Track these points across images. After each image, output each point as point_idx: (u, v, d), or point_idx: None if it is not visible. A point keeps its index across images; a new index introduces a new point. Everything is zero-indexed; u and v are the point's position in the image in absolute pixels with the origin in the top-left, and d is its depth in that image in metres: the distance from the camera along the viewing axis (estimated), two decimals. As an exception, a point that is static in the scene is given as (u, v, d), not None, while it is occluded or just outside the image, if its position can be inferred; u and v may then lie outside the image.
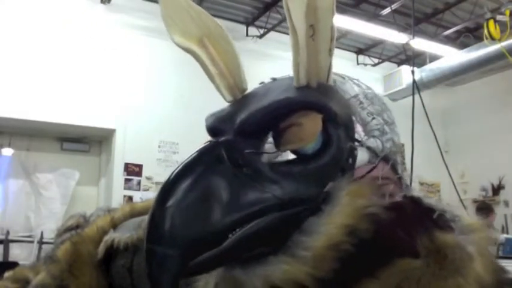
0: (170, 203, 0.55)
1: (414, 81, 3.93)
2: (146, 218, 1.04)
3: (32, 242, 4.62)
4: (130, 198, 5.07)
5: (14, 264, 3.28)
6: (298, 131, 0.63)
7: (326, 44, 0.64)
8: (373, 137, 0.74)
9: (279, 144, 0.65)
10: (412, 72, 3.92)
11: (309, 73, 0.65)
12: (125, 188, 5.20)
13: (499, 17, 5.41)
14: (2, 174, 4.95)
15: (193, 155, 0.59)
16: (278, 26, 6.16)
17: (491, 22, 5.48)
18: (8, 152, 5.05)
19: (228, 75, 0.73)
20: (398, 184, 0.78)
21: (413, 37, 5.21)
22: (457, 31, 6.43)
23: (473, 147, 6.99)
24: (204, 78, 0.79)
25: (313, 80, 0.65)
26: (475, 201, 6.67)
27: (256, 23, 6.23)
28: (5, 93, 4.73)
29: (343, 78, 0.79)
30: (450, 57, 6.41)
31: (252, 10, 6.09)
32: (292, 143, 0.63)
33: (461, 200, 2.71)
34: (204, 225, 0.55)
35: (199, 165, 0.58)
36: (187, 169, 0.58)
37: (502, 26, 5.46)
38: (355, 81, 0.83)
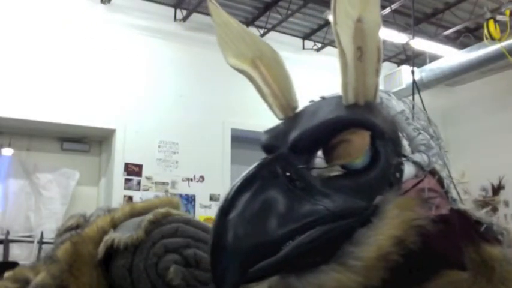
0: (232, 215, 0.60)
1: (414, 81, 3.92)
2: (146, 217, 1.04)
3: (32, 242, 4.62)
4: (130, 198, 5.07)
5: (14, 264, 3.27)
6: (348, 147, 0.67)
7: (373, 64, 0.69)
8: (419, 151, 0.77)
9: (329, 160, 0.69)
10: (412, 72, 3.92)
11: (356, 92, 0.69)
12: (124, 188, 5.20)
13: (499, 17, 5.41)
14: (2, 174, 4.95)
15: (251, 170, 0.64)
16: (278, 26, 6.16)
17: (491, 22, 5.47)
18: (8, 152, 5.04)
19: (280, 95, 0.77)
20: (444, 197, 0.79)
21: (413, 37, 5.21)
22: (457, 31, 6.43)
23: (473, 147, 6.99)
24: (203, 79, 0.79)
25: (360, 98, 0.69)
26: (475, 201, 6.67)
27: (256, 23, 6.23)
28: (5, 93, 4.73)
29: (389, 95, 0.84)
30: (450, 57, 6.41)
31: (252, 10, 6.09)
32: (341, 158, 0.68)
33: (461, 200, 2.71)
34: (262, 236, 0.59)
35: (257, 180, 0.63)
36: (246, 183, 0.63)
37: (502, 26, 5.46)
38: (402, 98, 0.87)
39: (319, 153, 0.71)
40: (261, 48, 0.78)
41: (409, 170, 0.73)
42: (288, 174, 0.64)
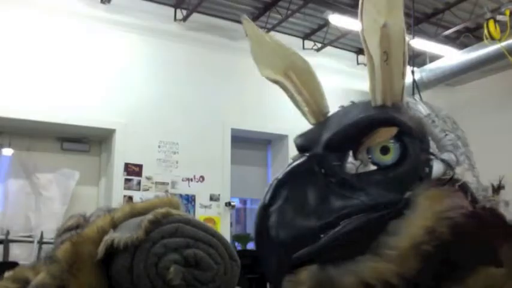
0: (273, 208, 0.66)
1: (414, 81, 3.93)
2: (146, 217, 1.04)
3: (32, 242, 4.62)
4: (130, 198, 5.06)
5: (14, 264, 3.27)
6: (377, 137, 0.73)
7: (399, 67, 0.73)
8: (447, 151, 0.81)
9: (360, 157, 0.75)
10: (412, 72, 3.93)
11: (384, 94, 0.74)
12: (125, 188, 5.20)
13: (499, 17, 5.41)
14: (2, 174, 4.95)
15: (290, 168, 0.70)
16: (278, 26, 6.16)
17: (491, 22, 5.47)
18: (8, 152, 5.05)
19: (311, 102, 0.82)
20: (473, 195, 0.83)
21: (413, 37, 5.21)
22: (457, 31, 6.43)
23: (473, 147, 6.97)
24: (203, 79, 0.80)
25: (388, 100, 0.74)
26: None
27: (256, 23, 6.22)
28: (5, 93, 4.73)
29: (415, 100, 0.88)
30: (450, 57, 6.41)
31: (252, 10, 6.09)
32: (372, 153, 0.74)
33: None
34: (301, 226, 0.66)
35: (295, 176, 0.69)
36: (286, 179, 0.69)
37: (502, 26, 5.46)
38: (427, 103, 0.91)
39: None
40: (292, 60, 0.84)
41: (437, 167, 0.77)
42: (323, 170, 0.69)
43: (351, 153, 0.76)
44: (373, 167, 0.74)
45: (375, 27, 0.71)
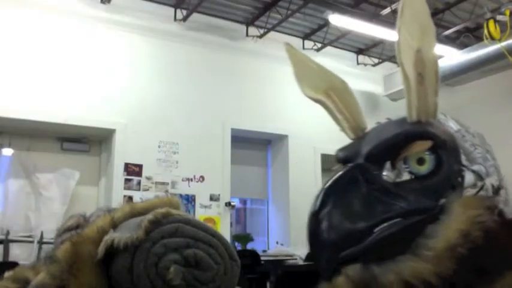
0: (323, 213, 0.75)
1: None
2: (146, 217, 1.04)
3: (32, 242, 4.62)
4: (130, 198, 5.07)
5: (14, 264, 3.27)
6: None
7: (432, 86, 0.83)
8: (477, 163, 0.88)
9: (395, 167, 0.83)
10: (412, 72, 3.90)
11: (419, 111, 0.83)
12: (125, 188, 5.21)
13: (499, 17, 5.41)
14: (2, 174, 4.95)
15: (336, 176, 0.79)
16: (278, 26, 6.16)
17: (491, 22, 5.48)
18: (8, 152, 5.05)
19: (350, 119, 0.92)
20: (503, 205, 0.89)
21: (413, 37, 5.20)
22: (457, 31, 6.43)
23: (473, 147, 6.98)
24: (203, 79, 0.81)
25: (423, 116, 0.84)
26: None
27: (256, 23, 6.23)
28: (5, 93, 4.74)
29: (445, 116, 0.95)
30: (450, 57, 6.41)
31: (252, 10, 6.09)
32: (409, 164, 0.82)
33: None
34: (348, 228, 0.75)
35: (341, 184, 0.78)
36: (333, 187, 0.78)
37: (502, 26, 5.46)
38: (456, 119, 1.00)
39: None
40: (332, 81, 0.94)
41: (469, 177, 0.84)
42: (365, 179, 0.78)
43: (386, 164, 0.83)
44: (406, 178, 0.82)
45: (410, 52, 0.82)
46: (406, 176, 0.82)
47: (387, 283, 0.73)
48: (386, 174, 0.82)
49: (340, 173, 0.79)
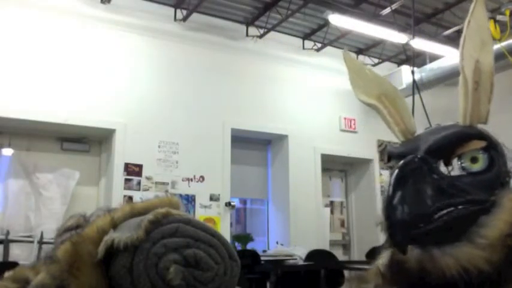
0: (396, 198, 0.84)
1: (414, 81, 3.93)
2: (146, 217, 1.04)
3: (32, 242, 4.62)
4: (130, 198, 5.07)
5: (14, 264, 3.27)
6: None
7: (486, 94, 0.94)
8: None
9: (451, 163, 0.92)
10: (412, 72, 3.93)
11: (472, 116, 0.93)
12: (125, 188, 5.21)
13: (499, 17, 5.41)
14: (2, 174, 4.95)
15: (404, 166, 0.87)
16: (278, 26, 6.16)
17: (491, 22, 5.47)
18: (8, 152, 5.05)
19: (401, 123, 1.00)
20: None
21: (413, 37, 5.21)
22: (457, 31, 6.43)
23: (473, 147, 6.98)
24: (203, 79, 0.80)
25: (475, 121, 0.94)
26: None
27: (256, 23, 6.23)
28: (5, 93, 4.74)
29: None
30: (450, 57, 6.41)
31: (252, 10, 6.09)
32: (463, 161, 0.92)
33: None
34: (417, 211, 0.83)
35: (408, 172, 0.86)
36: (401, 176, 0.86)
37: (502, 26, 5.46)
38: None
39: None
40: (385, 87, 1.02)
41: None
42: (428, 169, 0.86)
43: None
44: (457, 174, 0.91)
45: (471, 61, 0.93)
46: (456, 172, 0.91)
47: (444, 265, 0.81)
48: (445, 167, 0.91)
49: (404, 164, 0.87)
